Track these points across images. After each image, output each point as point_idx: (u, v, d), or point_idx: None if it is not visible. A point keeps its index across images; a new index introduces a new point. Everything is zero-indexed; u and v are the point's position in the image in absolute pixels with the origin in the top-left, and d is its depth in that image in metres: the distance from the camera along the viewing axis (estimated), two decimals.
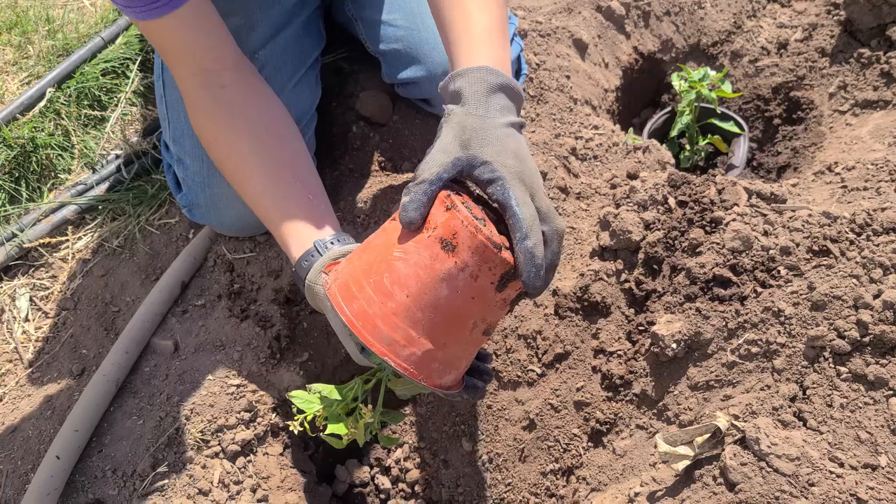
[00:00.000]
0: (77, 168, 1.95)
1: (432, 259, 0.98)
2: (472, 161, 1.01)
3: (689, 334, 1.39)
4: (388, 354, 1.00)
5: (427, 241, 0.99)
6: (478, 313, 1.02)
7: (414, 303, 0.99)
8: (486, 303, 1.01)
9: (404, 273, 0.99)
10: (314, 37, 1.75)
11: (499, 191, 1.00)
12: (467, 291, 0.99)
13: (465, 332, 1.02)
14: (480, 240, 0.96)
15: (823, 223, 1.36)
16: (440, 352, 1.01)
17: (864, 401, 1.16)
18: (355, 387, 1.21)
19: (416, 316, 0.99)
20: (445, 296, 0.98)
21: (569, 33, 2.13)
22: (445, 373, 1.04)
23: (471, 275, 0.98)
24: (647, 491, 1.25)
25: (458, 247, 0.97)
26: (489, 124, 1.04)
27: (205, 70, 1.38)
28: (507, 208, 0.99)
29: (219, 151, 1.42)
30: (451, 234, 0.97)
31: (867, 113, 2.15)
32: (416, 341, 1.00)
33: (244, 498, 1.41)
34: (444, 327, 1.00)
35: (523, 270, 0.98)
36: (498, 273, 0.99)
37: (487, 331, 1.06)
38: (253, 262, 1.66)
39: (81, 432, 1.41)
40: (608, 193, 1.78)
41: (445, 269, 0.98)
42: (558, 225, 1.02)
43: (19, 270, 1.79)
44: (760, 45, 2.43)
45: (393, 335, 1.00)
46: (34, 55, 2.16)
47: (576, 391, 1.55)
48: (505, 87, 1.09)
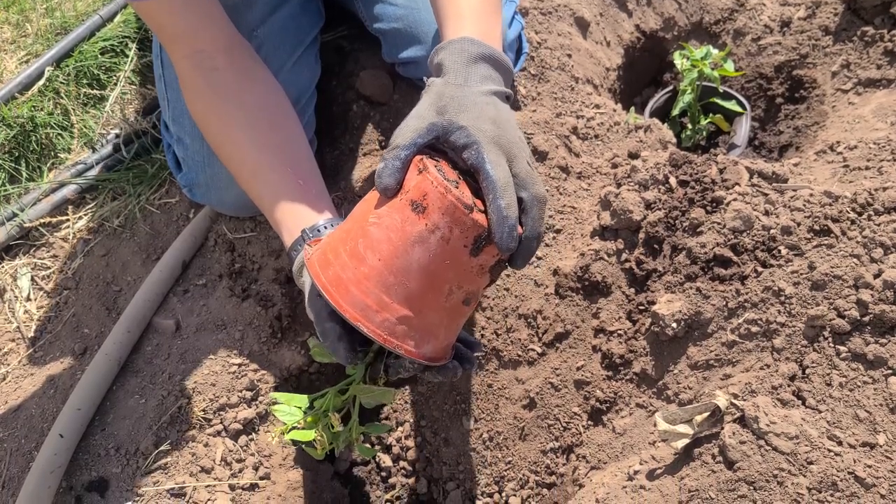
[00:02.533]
0: (77, 147, 1.95)
1: (403, 222, 0.97)
2: (447, 126, 1.00)
3: (690, 314, 1.39)
4: (360, 320, 0.97)
5: (399, 204, 0.98)
6: (453, 279, 0.99)
7: (386, 266, 0.97)
8: (461, 268, 0.99)
9: (377, 237, 0.98)
10: (313, 14, 1.74)
11: (473, 154, 0.98)
12: (440, 255, 0.97)
13: (441, 298, 1.00)
14: (450, 200, 0.95)
15: (825, 203, 1.36)
16: (416, 319, 0.99)
17: (863, 380, 1.16)
18: (328, 398, 1.19)
19: (389, 280, 0.97)
20: (418, 259, 0.96)
21: (570, 11, 2.12)
22: (423, 342, 1.01)
23: (442, 237, 0.96)
24: (646, 469, 1.26)
25: (429, 208, 0.95)
26: (467, 92, 1.04)
27: (198, 52, 1.36)
28: (481, 170, 0.97)
29: (212, 135, 1.41)
30: (421, 195, 0.96)
31: (870, 92, 2.14)
32: (389, 307, 0.97)
33: (246, 476, 1.42)
34: (418, 293, 0.98)
35: (496, 230, 0.96)
36: (471, 236, 0.97)
37: (467, 300, 1.03)
38: (254, 241, 1.66)
39: (84, 411, 1.42)
40: (609, 173, 1.78)
41: (416, 231, 0.96)
42: (538, 191, 1.00)
43: (20, 250, 1.79)
44: (763, 24, 2.41)
45: (365, 300, 0.98)
46: (32, 33, 2.14)
47: (576, 370, 1.56)
48: (488, 58, 1.08)
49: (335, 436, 1.19)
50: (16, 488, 1.40)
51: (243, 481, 1.41)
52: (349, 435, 1.22)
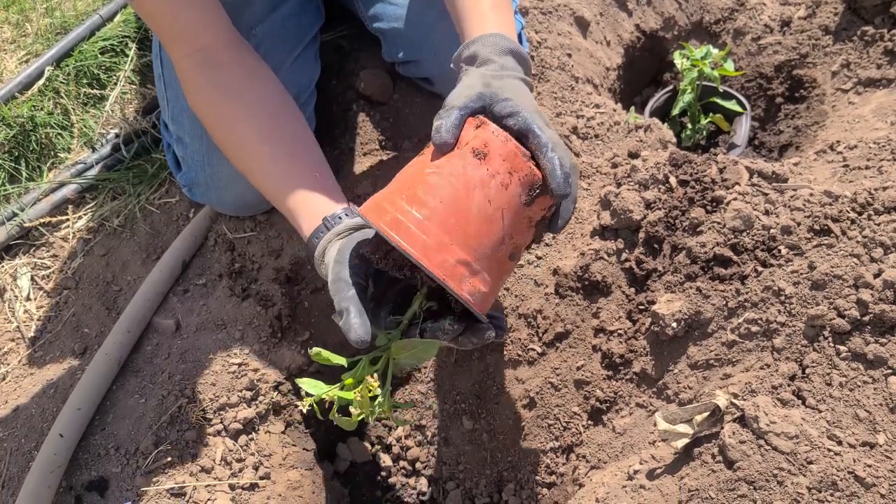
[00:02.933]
0: (77, 147, 1.95)
1: (465, 167, 1.02)
2: (494, 96, 1.08)
3: (690, 313, 1.39)
4: (421, 258, 0.99)
5: (459, 153, 1.04)
6: (507, 227, 1.04)
7: (447, 209, 1.01)
8: (515, 216, 1.04)
9: (438, 183, 1.03)
10: (312, 13, 1.74)
11: (520, 120, 1.06)
12: (499, 200, 1.02)
13: (494, 246, 1.04)
14: (511, 147, 1.03)
15: (825, 202, 1.36)
16: (473, 264, 1.02)
17: (863, 379, 1.16)
18: (361, 367, 1.19)
19: (450, 222, 1.01)
20: (478, 203, 1.01)
21: (570, 11, 2.12)
22: (474, 289, 1.03)
23: (502, 182, 1.02)
24: (646, 469, 1.26)
25: (490, 154, 1.02)
26: (506, 74, 1.15)
27: (200, 49, 1.36)
28: (530, 132, 1.05)
29: (218, 132, 1.41)
30: (482, 144, 1.03)
31: (870, 91, 2.14)
32: (449, 248, 1.01)
33: (246, 475, 1.42)
34: (475, 237, 1.02)
35: (551, 175, 1.03)
36: (527, 184, 1.04)
37: (513, 255, 1.08)
38: (254, 241, 1.66)
39: (84, 410, 1.42)
40: (609, 172, 1.78)
41: (478, 175, 1.02)
42: (574, 160, 1.11)
43: (20, 249, 1.79)
44: (763, 23, 2.41)
45: (427, 240, 1.00)
46: (32, 33, 2.14)
47: (576, 370, 1.56)
48: (514, 52, 1.19)
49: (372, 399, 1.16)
50: (16, 488, 1.40)
51: (243, 481, 1.41)
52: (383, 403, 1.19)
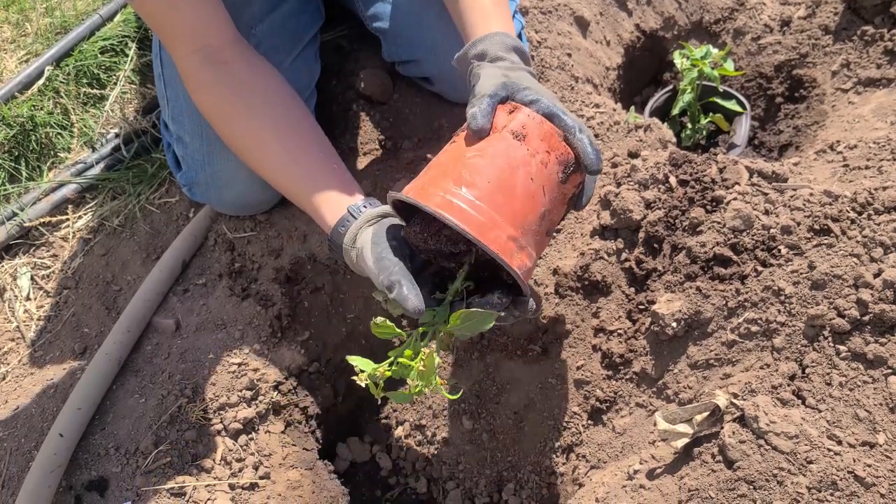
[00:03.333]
0: (77, 147, 1.95)
1: (507, 148, 1.09)
2: (516, 86, 1.15)
3: (690, 313, 1.39)
4: (479, 236, 1.04)
5: (499, 136, 1.10)
6: (546, 203, 1.11)
7: (496, 187, 1.07)
8: (553, 193, 1.12)
9: (482, 164, 1.08)
10: (312, 13, 1.74)
11: (543, 106, 1.13)
12: (540, 178, 1.09)
13: (538, 221, 1.10)
14: (548, 128, 1.10)
15: (824, 202, 1.36)
16: (521, 239, 1.08)
17: (862, 379, 1.16)
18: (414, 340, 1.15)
19: (498, 200, 1.06)
20: (522, 181, 1.08)
21: (570, 10, 2.12)
22: (522, 263, 1.09)
23: (542, 161, 1.09)
24: (646, 468, 1.26)
25: (528, 136, 1.10)
26: (518, 69, 1.23)
27: (205, 47, 1.36)
28: (555, 116, 1.12)
29: (228, 130, 1.41)
30: (520, 126, 1.10)
31: (870, 91, 2.14)
32: (500, 224, 1.06)
33: (246, 475, 1.42)
34: (521, 213, 1.08)
35: (584, 154, 1.11)
36: (563, 162, 1.11)
37: (550, 230, 1.15)
38: (254, 241, 1.66)
39: (84, 410, 1.42)
40: (609, 172, 1.78)
41: (520, 155, 1.09)
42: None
43: (20, 249, 1.79)
44: (763, 23, 2.41)
45: (480, 218, 1.05)
46: (32, 33, 2.14)
47: (576, 370, 1.56)
48: (517, 49, 1.27)
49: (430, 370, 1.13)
50: (16, 487, 1.40)
51: (243, 481, 1.41)
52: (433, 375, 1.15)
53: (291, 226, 1.65)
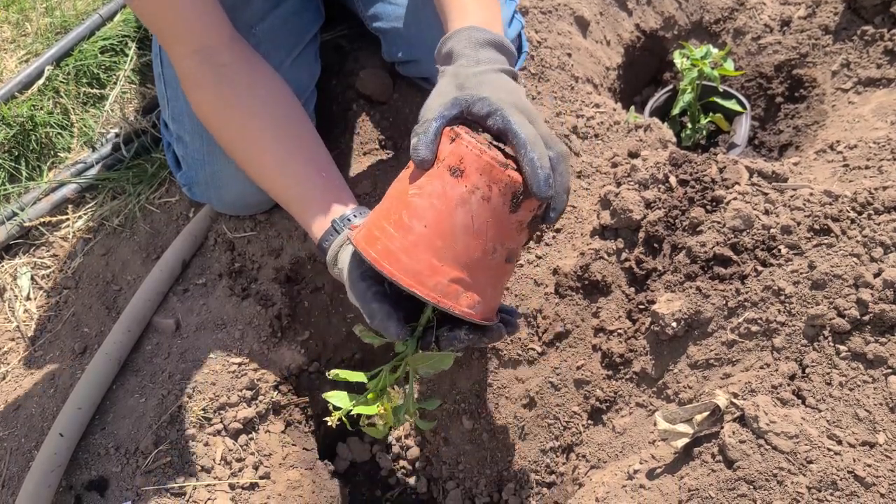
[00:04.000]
0: (77, 147, 1.95)
1: (444, 187, 1.02)
2: (469, 99, 1.05)
3: (690, 313, 1.39)
4: (414, 286, 1.02)
5: (437, 172, 1.03)
6: (496, 236, 1.04)
7: (433, 232, 1.02)
8: (502, 225, 1.04)
9: (420, 206, 1.03)
10: (312, 12, 1.74)
11: (498, 119, 1.03)
12: (482, 214, 1.02)
13: (487, 257, 1.04)
14: (486, 159, 1.00)
15: (825, 202, 1.36)
16: (467, 279, 1.03)
17: (863, 379, 1.16)
18: (383, 376, 1.20)
19: (437, 244, 1.02)
20: (462, 221, 1.01)
21: (570, 10, 2.12)
22: (475, 302, 1.05)
23: (483, 196, 1.01)
24: (646, 468, 1.26)
25: (466, 170, 1.01)
26: (481, 70, 1.11)
27: (204, 47, 1.36)
28: (508, 131, 1.02)
29: (224, 133, 1.41)
30: (458, 160, 1.01)
31: (870, 91, 2.14)
32: (440, 270, 1.02)
33: (246, 475, 1.42)
34: (465, 253, 1.03)
35: (531, 180, 1.00)
36: (509, 193, 1.02)
37: (510, 258, 1.08)
38: (254, 240, 1.66)
39: (84, 410, 1.42)
40: (609, 172, 1.78)
41: (458, 194, 1.01)
42: (561, 148, 1.06)
43: (20, 249, 1.79)
44: (763, 23, 2.41)
45: (417, 266, 1.02)
46: (32, 33, 2.14)
47: (576, 369, 1.56)
48: (493, 42, 1.16)
49: (396, 409, 1.20)
50: (16, 487, 1.40)
51: (243, 481, 1.41)
52: (406, 409, 1.23)
53: (291, 225, 1.65)
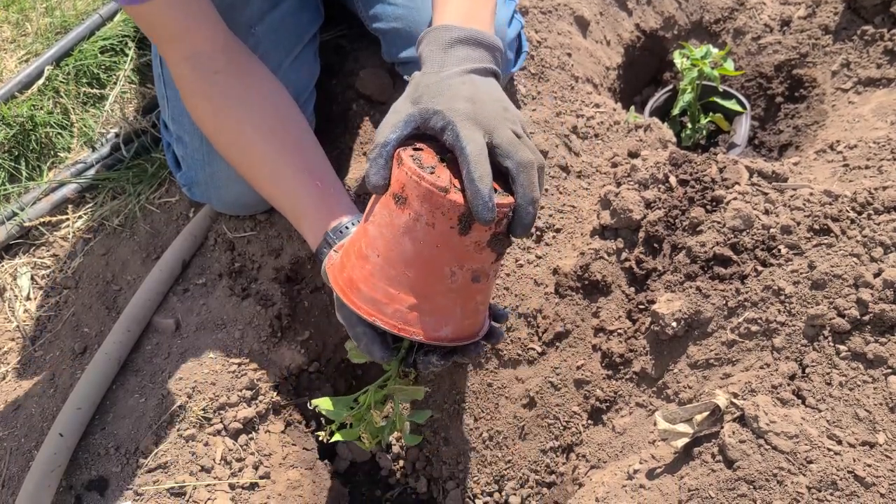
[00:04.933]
0: (77, 146, 1.95)
1: (390, 216, 1.00)
2: (423, 114, 1.01)
3: (690, 313, 1.39)
4: (373, 314, 1.02)
5: (384, 200, 1.01)
6: (450, 260, 1.01)
7: (385, 261, 1.01)
8: (455, 249, 1.00)
9: (373, 235, 1.03)
10: (312, 12, 1.74)
11: (450, 135, 0.98)
12: (430, 241, 0.99)
13: (445, 281, 1.02)
14: (425, 187, 0.96)
15: (824, 202, 1.36)
16: (425, 304, 1.02)
17: (863, 379, 1.16)
18: (369, 395, 1.22)
19: (391, 273, 1.01)
20: (410, 249, 0.99)
21: (570, 10, 2.12)
22: (439, 325, 1.04)
23: (427, 223, 0.98)
24: (646, 468, 1.26)
25: (408, 198, 0.98)
26: (443, 76, 1.05)
27: (196, 53, 1.35)
28: (456, 147, 0.98)
29: (220, 140, 1.41)
30: (400, 187, 0.98)
31: (870, 91, 2.14)
32: (397, 298, 1.02)
33: (246, 475, 1.42)
34: (420, 280, 1.01)
35: (471, 203, 0.95)
36: (454, 216, 0.97)
37: (476, 278, 1.04)
38: (254, 240, 1.66)
39: (84, 410, 1.42)
40: (609, 172, 1.78)
41: (402, 222, 0.99)
42: (523, 157, 0.99)
43: (20, 249, 1.79)
44: (763, 23, 2.41)
45: (374, 295, 1.02)
46: (32, 32, 2.14)
47: (576, 369, 1.56)
48: (465, 40, 1.09)
49: (379, 430, 1.22)
50: (16, 487, 1.40)
51: (243, 480, 1.41)
52: (393, 427, 1.25)
53: (291, 226, 1.65)
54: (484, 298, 1.09)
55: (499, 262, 1.08)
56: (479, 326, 1.12)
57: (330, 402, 1.24)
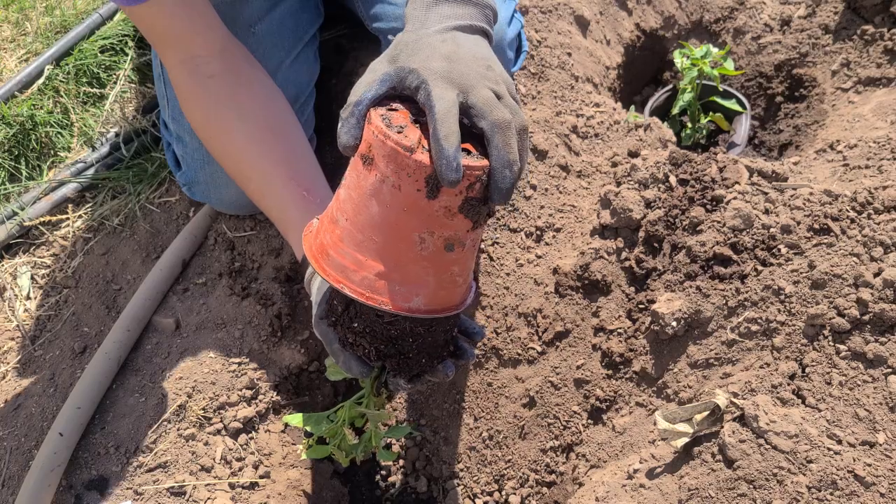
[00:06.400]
0: (76, 146, 1.95)
1: (358, 177, 0.96)
2: (399, 73, 0.96)
3: (689, 312, 1.39)
4: (341, 281, 0.97)
5: (354, 161, 0.97)
6: (419, 226, 0.95)
7: (353, 225, 0.97)
8: (423, 213, 0.94)
9: (343, 198, 0.98)
10: (311, 11, 1.74)
11: (422, 95, 0.93)
12: (396, 204, 0.94)
13: (414, 248, 0.96)
14: (390, 146, 0.91)
15: (824, 201, 1.36)
16: (394, 273, 0.97)
17: (862, 378, 1.16)
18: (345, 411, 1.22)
19: (358, 238, 0.96)
20: (377, 212, 0.94)
21: (570, 10, 2.12)
22: (410, 295, 0.98)
23: (393, 185, 0.93)
24: (646, 467, 1.26)
25: (374, 158, 0.93)
26: (422, 34, 1.00)
27: (192, 57, 1.35)
28: (426, 106, 0.92)
29: (213, 146, 1.41)
30: (367, 147, 0.94)
31: (870, 90, 2.14)
32: (365, 264, 0.97)
33: (246, 474, 1.42)
34: (389, 246, 0.96)
35: (435, 163, 0.89)
36: (420, 178, 0.92)
37: (449, 246, 0.98)
38: (254, 240, 1.66)
39: (84, 409, 1.42)
40: (609, 171, 1.78)
41: (369, 184, 0.94)
42: (499, 116, 0.93)
43: (20, 248, 1.79)
44: (763, 22, 2.41)
45: (343, 261, 0.98)
46: (32, 32, 2.14)
47: (576, 369, 1.56)
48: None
49: (353, 447, 1.22)
50: (16, 487, 1.40)
51: (243, 480, 1.41)
52: (367, 444, 1.25)
53: None
54: (462, 269, 1.03)
55: (477, 232, 1.02)
56: (460, 299, 1.05)
57: (301, 419, 1.24)
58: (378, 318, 1.04)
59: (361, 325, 1.06)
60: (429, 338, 1.07)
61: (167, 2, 1.29)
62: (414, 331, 1.05)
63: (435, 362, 1.10)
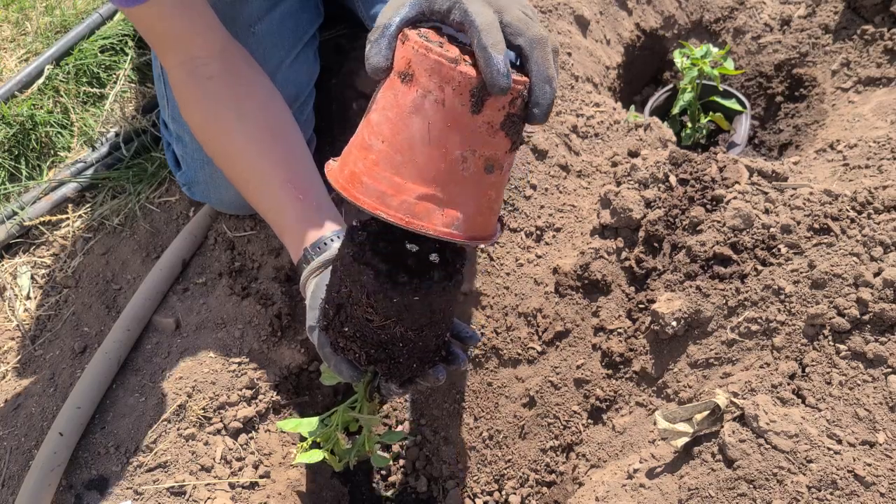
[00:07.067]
0: (76, 146, 1.95)
1: (395, 96, 0.93)
2: None
3: (689, 312, 1.39)
4: (378, 207, 0.94)
5: (389, 81, 0.95)
6: (462, 143, 0.93)
7: (391, 147, 0.93)
8: (467, 129, 0.93)
9: (377, 121, 0.95)
10: (311, 11, 1.74)
11: (457, 13, 0.92)
12: (439, 119, 0.91)
13: (456, 167, 0.94)
14: (433, 58, 0.90)
15: (824, 201, 1.36)
16: (436, 194, 0.94)
17: (862, 378, 1.16)
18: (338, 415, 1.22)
19: (397, 160, 0.93)
20: (419, 130, 0.92)
21: (570, 9, 2.12)
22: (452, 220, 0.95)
23: (436, 100, 0.91)
24: (646, 467, 1.26)
25: (415, 74, 0.91)
26: None
27: (191, 59, 1.35)
28: (465, 22, 0.91)
29: (211, 148, 1.41)
30: (406, 64, 0.92)
31: (870, 90, 2.14)
32: (404, 187, 0.93)
33: (246, 474, 1.42)
34: (430, 166, 0.93)
35: (483, 70, 0.89)
36: (465, 91, 0.90)
37: (489, 167, 0.96)
38: (254, 240, 1.66)
39: (84, 409, 1.42)
40: (609, 171, 1.78)
41: (410, 101, 0.92)
42: (536, 32, 0.93)
43: (20, 248, 1.79)
44: (763, 22, 2.41)
45: (379, 186, 0.94)
46: (32, 32, 2.14)
47: (576, 369, 1.56)
48: None
49: (346, 452, 1.22)
50: (16, 486, 1.40)
51: (243, 480, 1.41)
52: (361, 448, 1.25)
53: None
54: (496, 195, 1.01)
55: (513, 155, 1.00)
56: (492, 229, 1.02)
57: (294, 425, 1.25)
58: (368, 323, 1.03)
59: (352, 329, 1.05)
60: (419, 343, 1.06)
61: (166, 3, 1.29)
62: (404, 336, 1.04)
63: (426, 367, 1.10)
